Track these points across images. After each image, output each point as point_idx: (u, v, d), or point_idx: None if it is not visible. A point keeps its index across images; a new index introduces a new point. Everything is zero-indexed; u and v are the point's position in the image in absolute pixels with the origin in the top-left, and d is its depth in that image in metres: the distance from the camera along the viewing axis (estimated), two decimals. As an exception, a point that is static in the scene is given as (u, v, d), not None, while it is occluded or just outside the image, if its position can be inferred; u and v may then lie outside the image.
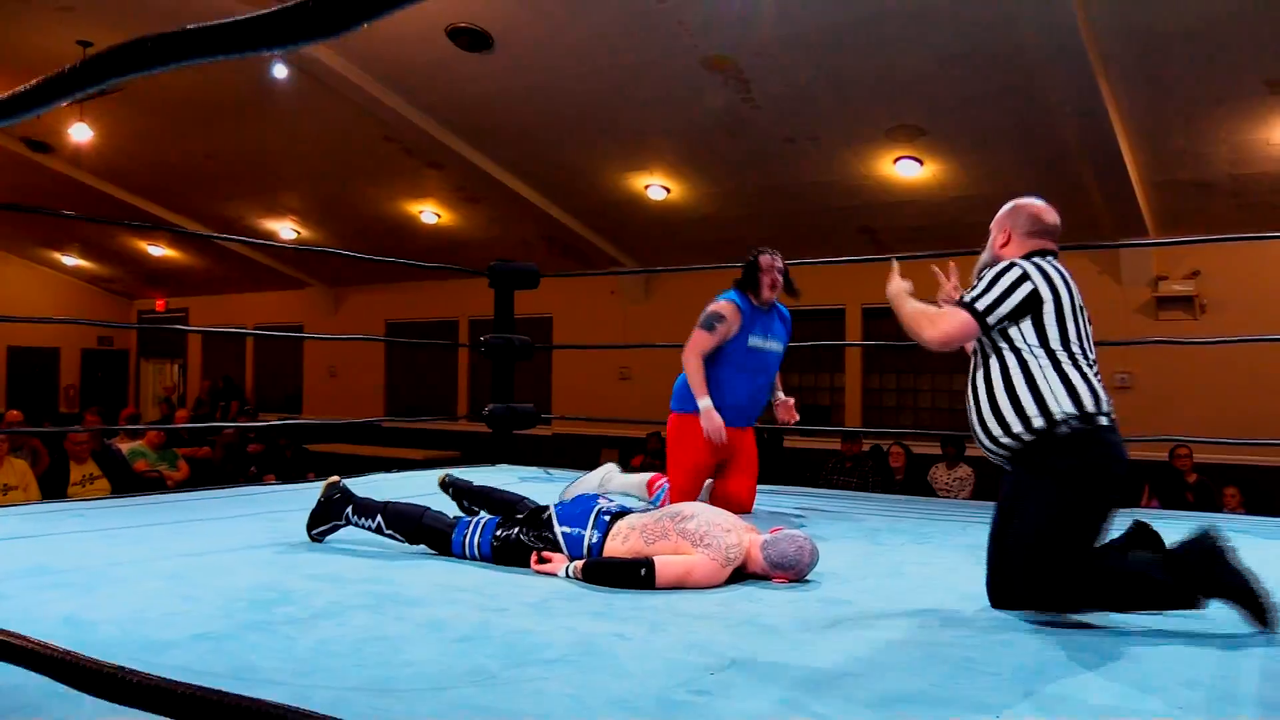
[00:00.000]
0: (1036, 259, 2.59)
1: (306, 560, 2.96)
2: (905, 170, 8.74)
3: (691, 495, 4.06)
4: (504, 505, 3.30)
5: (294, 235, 13.26)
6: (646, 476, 4.33)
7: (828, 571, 2.91)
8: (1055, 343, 2.50)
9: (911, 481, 8.72)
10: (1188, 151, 7.92)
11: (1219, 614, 2.40)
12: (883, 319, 10.69)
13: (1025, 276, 2.52)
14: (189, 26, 0.91)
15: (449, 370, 14.53)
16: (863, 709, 1.70)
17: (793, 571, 2.75)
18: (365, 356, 15.18)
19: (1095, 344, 2.63)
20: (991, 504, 2.64)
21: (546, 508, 3.01)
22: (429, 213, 11.91)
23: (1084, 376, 2.49)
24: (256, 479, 9.17)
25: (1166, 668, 1.97)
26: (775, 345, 4.29)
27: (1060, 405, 2.44)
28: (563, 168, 9.99)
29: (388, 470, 5.50)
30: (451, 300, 13.85)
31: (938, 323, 2.59)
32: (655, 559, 2.67)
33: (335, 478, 3.31)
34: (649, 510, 3.01)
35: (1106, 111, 7.22)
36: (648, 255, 12.00)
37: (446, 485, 3.60)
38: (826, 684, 1.84)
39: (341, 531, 3.24)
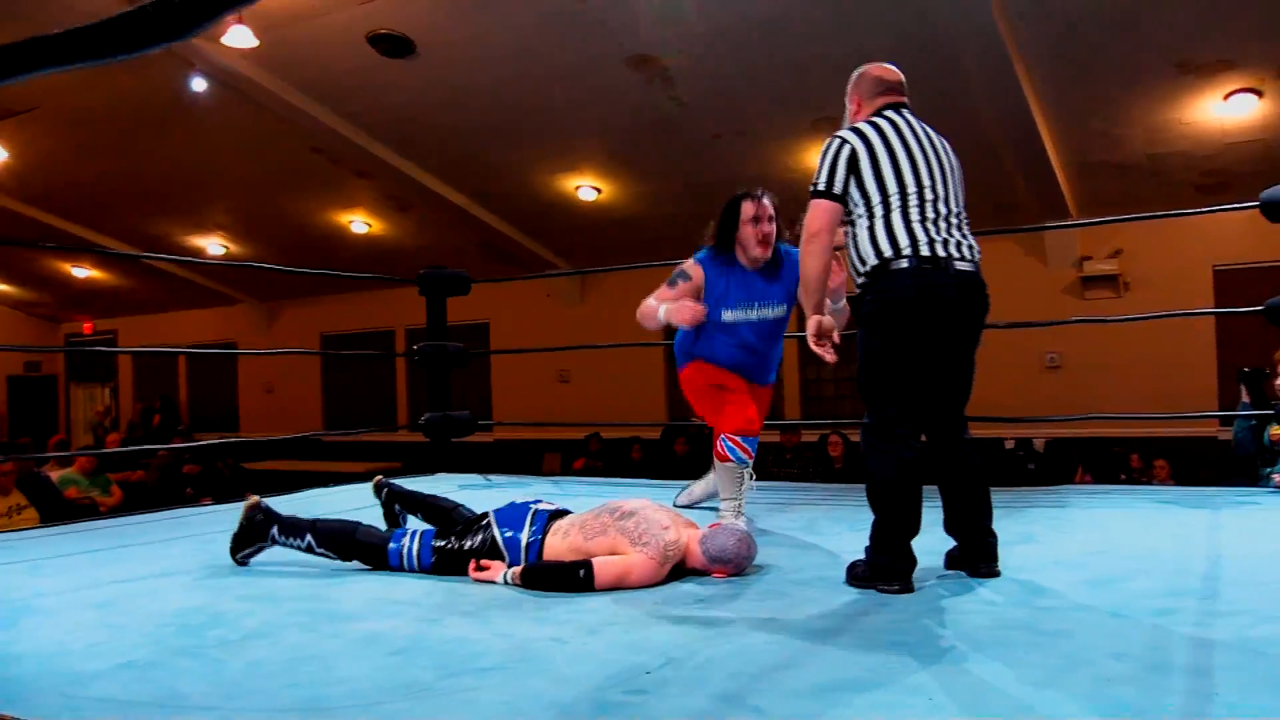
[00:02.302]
0: (875, 118, 2.74)
1: (238, 582, 2.91)
2: (832, 161, 8.81)
3: (744, 415, 3.44)
4: (438, 511, 3.27)
5: (222, 251, 13.02)
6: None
7: (767, 563, 2.93)
8: (875, 196, 2.64)
9: (851, 470, 8.81)
10: (1105, 133, 8.10)
11: (1144, 585, 2.47)
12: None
13: (843, 142, 2.68)
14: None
15: (387, 381, 14.38)
16: (799, 699, 1.71)
17: (731, 565, 2.76)
18: (302, 371, 14.98)
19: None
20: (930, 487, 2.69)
21: (486, 514, 2.98)
22: (359, 222, 11.78)
23: (904, 221, 2.61)
24: (193, 501, 8.99)
25: (1094, 641, 2.01)
26: (769, 312, 3.55)
27: (868, 255, 2.64)
28: (492, 172, 9.94)
29: (326, 485, 5.42)
30: (387, 310, 13.71)
31: (807, 225, 2.74)
32: (594, 561, 2.66)
33: (254, 498, 3.20)
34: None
35: (1025, 96, 7.36)
36: (582, 257, 11.99)
37: (381, 487, 3.54)
38: (763, 676, 1.85)
39: (273, 551, 3.18)
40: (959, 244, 2.63)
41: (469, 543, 2.90)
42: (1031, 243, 9.78)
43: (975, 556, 2.66)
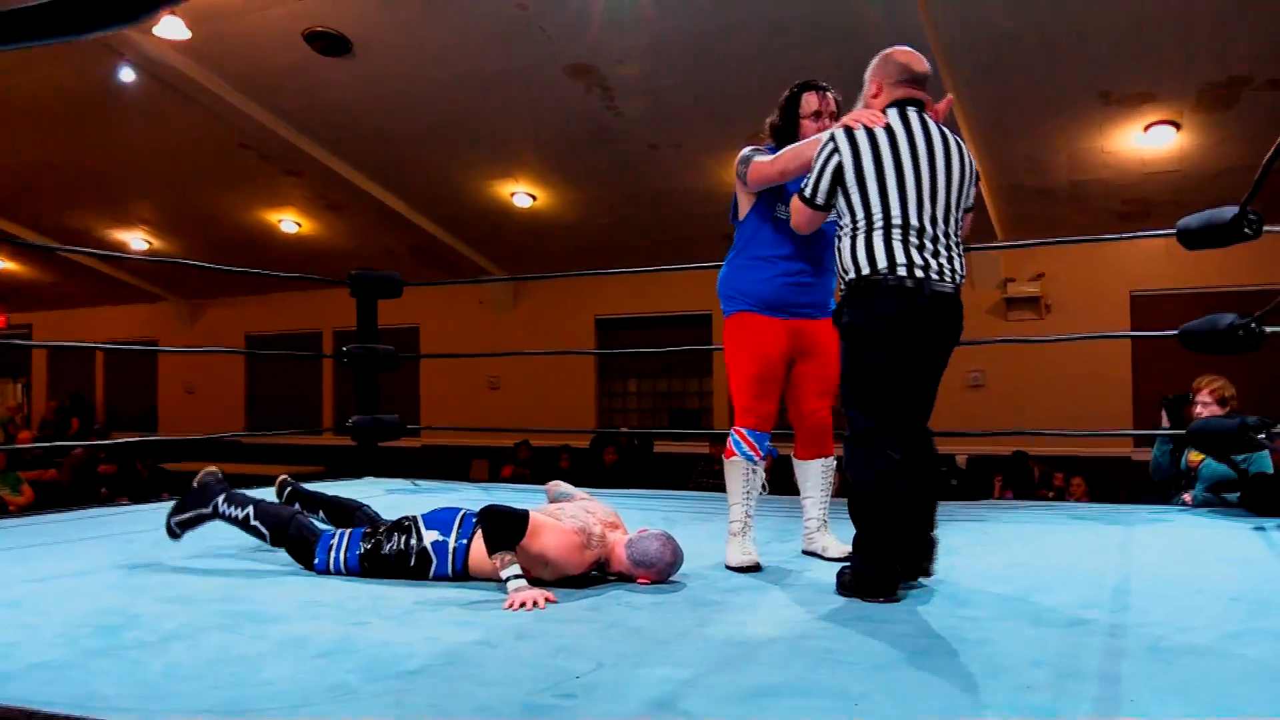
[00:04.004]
0: (892, 111, 2.73)
1: (157, 582, 2.84)
2: (767, 177, 8.91)
3: (760, 411, 3.16)
4: (342, 511, 3.25)
5: (146, 246, 12.70)
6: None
7: (693, 572, 2.95)
8: (860, 212, 2.68)
9: (778, 482, 8.88)
10: (1030, 158, 8.32)
11: (1061, 597, 2.54)
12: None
13: (834, 150, 2.70)
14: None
15: (313, 383, 14.15)
16: (728, 704, 1.73)
17: (654, 570, 2.77)
18: (224, 371, 14.67)
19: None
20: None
21: (412, 517, 2.96)
22: (289, 222, 11.58)
23: (885, 239, 2.64)
24: (108, 501, 8.75)
25: (1013, 649, 2.06)
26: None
27: (849, 268, 2.70)
28: (426, 175, 9.86)
29: (248, 487, 5.31)
30: (314, 311, 13.50)
31: (792, 217, 2.90)
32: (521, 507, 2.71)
33: (212, 468, 3.24)
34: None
35: (954, 119, 7.52)
36: (515, 263, 11.95)
37: (284, 486, 3.49)
38: (693, 682, 1.86)
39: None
40: (940, 266, 2.66)
41: (396, 546, 2.87)
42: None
43: (917, 555, 2.71)
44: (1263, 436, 3.91)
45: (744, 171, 3.17)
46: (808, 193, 2.77)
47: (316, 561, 2.93)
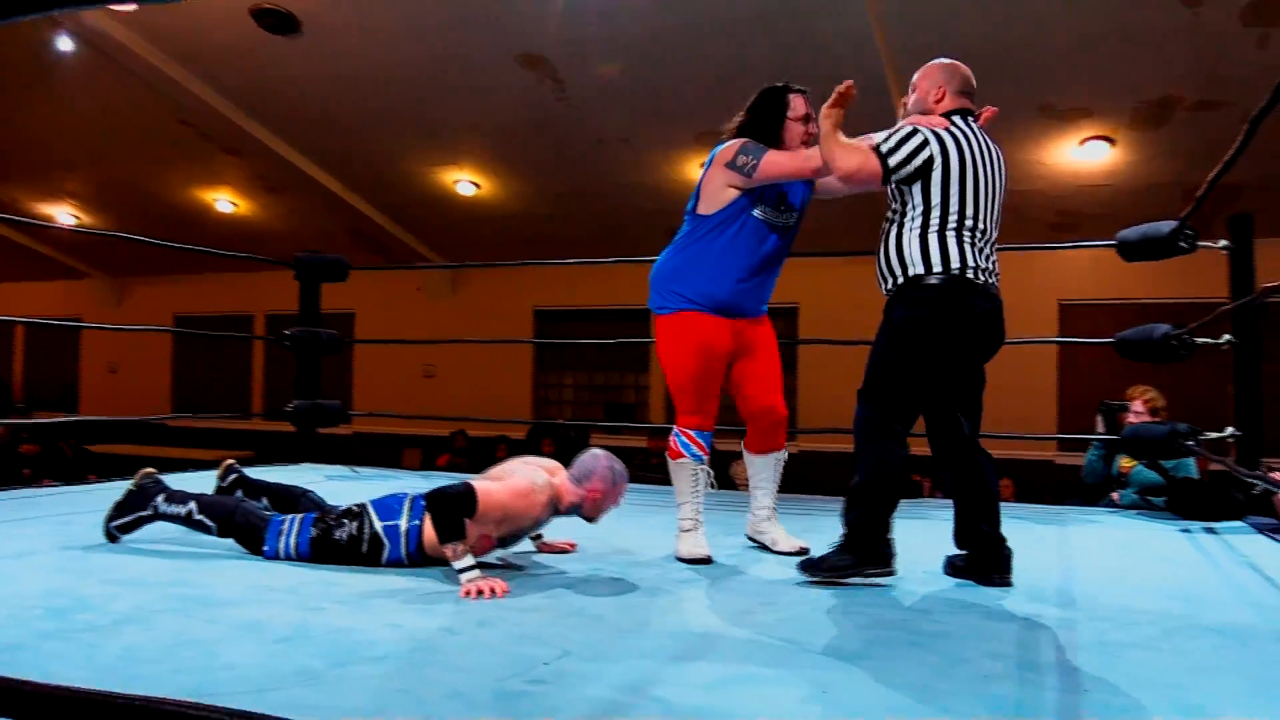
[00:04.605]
0: (956, 118, 2.80)
1: (101, 564, 2.78)
2: (712, 175, 8.96)
3: (706, 412, 3.19)
4: (286, 499, 3.21)
5: (73, 221, 12.34)
6: None
7: (646, 562, 2.98)
8: (936, 210, 2.71)
9: (717, 476, 8.94)
10: (970, 167, 8.47)
11: (1008, 592, 2.62)
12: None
13: (926, 141, 2.71)
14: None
15: (243, 367, 13.88)
16: (700, 692, 1.75)
17: (597, 475, 2.83)
18: (151, 351, 14.33)
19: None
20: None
21: (362, 504, 2.94)
22: (225, 201, 11.35)
23: (957, 240, 2.71)
24: (32, 482, 8.49)
25: (970, 642, 2.12)
26: (791, 219, 3.21)
27: (909, 263, 2.72)
28: (369, 159, 9.73)
29: (175, 471, 5.21)
30: (247, 294, 13.25)
31: (850, 155, 2.76)
32: (465, 480, 2.73)
33: (150, 469, 3.16)
34: None
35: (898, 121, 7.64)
36: (455, 251, 11.86)
37: (229, 471, 3.39)
38: (661, 669, 1.88)
39: (139, 533, 3.06)
40: (990, 269, 2.76)
41: (349, 532, 2.85)
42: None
43: (988, 565, 2.75)
44: (1192, 444, 4.06)
45: (752, 163, 3.02)
46: (888, 156, 2.71)
47: (266, 548, 2.89)
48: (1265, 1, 6.03)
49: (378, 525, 2.85)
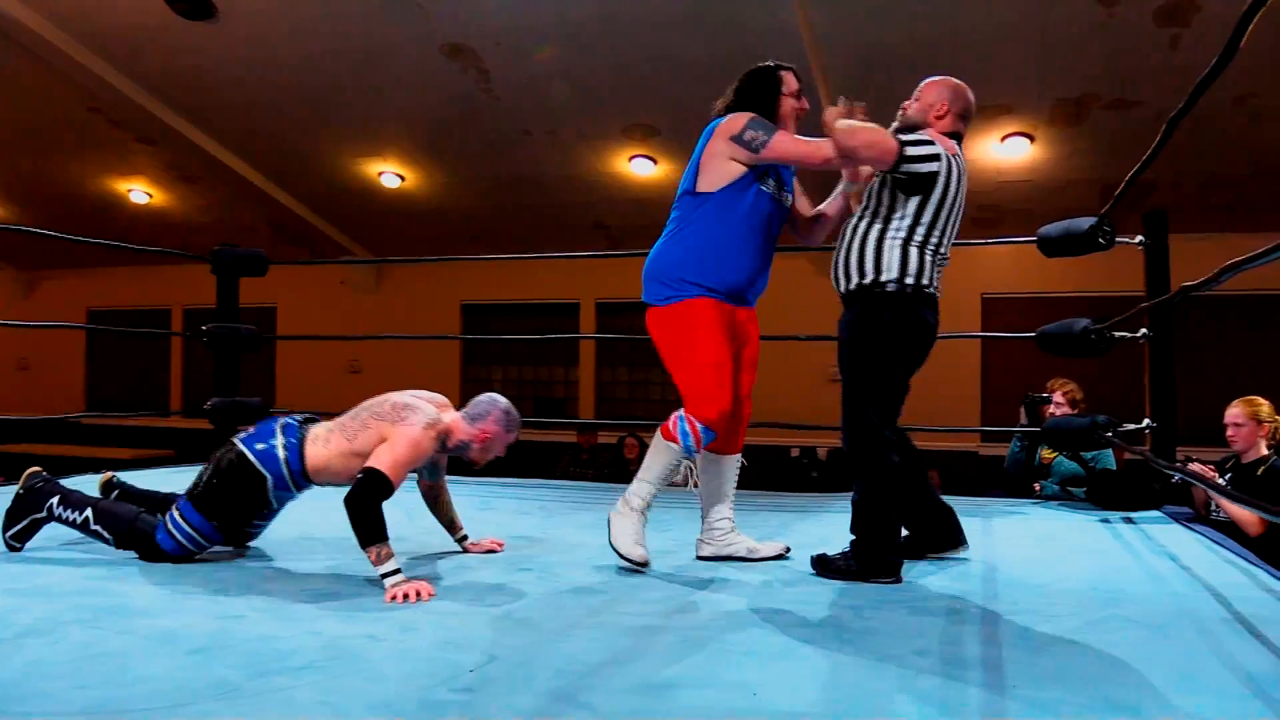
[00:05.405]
0: (955, 143, 2.90)
1: (6, 574, 2.66)
2: (640, 168, 8.95)
3: (723, 401, 2.92)
4: (165, 504, 3.05)
5: (-24, 212, 11.89)
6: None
7: (575, 562, 2.94)
8: (923, 227, 2.81)
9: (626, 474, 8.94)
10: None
11: (934, 585, 2.65)
12: (616, 314, 10.94)
13: (938, 158, 2.79)
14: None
15: (160, 363, 13.49)
16: (630, 697, 1.72)
17: (491, 417, 2.83)
18: (62, 347, 13.85)
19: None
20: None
21: (230, 440, 2.87)
22: (139, 192, 11.00)
23: (933, 257, 2.83)
24: (-69, 484, 8.15)
25: (897, 638, 2.13)
26: (788, 198, 3.17)
27: (881, 273, 2.80)
28: (290, 150, 9.50)
29: (89, 472, 5.04)
30: (164, 288, 12.88)
31: (868, 131, 2.80)
32: (367, 465, 2.64)
33: (35, 468, 3.01)
34: None
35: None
36: (380, 245, 11.67)
37: (112, 487, 3.24)
38: (590, 674, 1.85)
39: (45, 538, 2.94)
40: (938, 285, 2.90)
41: (219, 467, 2.80)
42: (822, 262, 10.24)
43: (943, 538, 3.03)
44: (1110, 435, 4.15)
45: (762, 139, 2.88)
46: (910, 153, 2.75)
47: (167, 549, 2.79)
48: (1176, 4, 6.19)
49: (248, 453, 2.80)
